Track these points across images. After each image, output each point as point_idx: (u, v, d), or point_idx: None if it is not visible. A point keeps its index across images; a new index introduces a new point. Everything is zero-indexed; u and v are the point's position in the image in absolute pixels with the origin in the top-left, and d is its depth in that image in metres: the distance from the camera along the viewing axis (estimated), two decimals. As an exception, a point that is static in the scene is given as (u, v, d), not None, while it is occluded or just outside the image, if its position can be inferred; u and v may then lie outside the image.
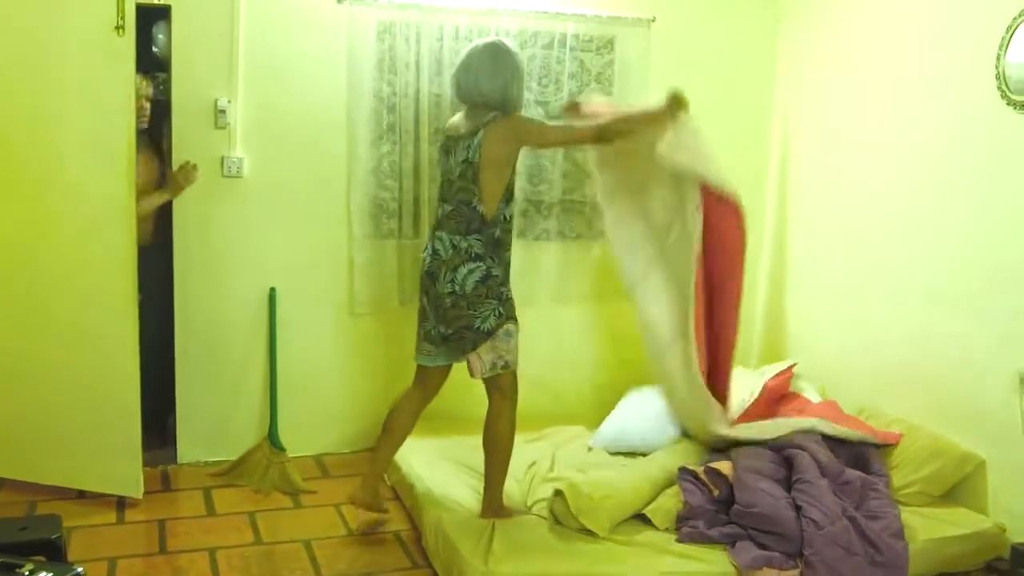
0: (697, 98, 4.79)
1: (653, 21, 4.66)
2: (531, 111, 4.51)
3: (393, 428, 3.75)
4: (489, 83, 3.48)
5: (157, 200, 4.15)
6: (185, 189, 4.17)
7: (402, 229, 4.48)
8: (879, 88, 4.28)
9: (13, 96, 3.81)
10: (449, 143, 3.59)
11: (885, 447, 3.95)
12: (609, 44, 4.64)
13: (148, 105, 4.22)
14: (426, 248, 3.62)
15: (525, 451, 4.08)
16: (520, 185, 4.54)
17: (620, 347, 4.91)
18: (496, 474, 3.62)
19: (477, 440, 4.26)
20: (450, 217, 3.53)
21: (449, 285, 3.48)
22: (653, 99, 4.59)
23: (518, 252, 4.22)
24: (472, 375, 3.58)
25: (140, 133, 4.14)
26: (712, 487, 3.56)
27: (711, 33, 4.88)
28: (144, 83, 4.16)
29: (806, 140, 4.82)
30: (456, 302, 3.47)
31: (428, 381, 3.74)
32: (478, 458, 3.85)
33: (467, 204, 3.48)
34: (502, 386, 3.59)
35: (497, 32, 4.40)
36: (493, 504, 3.59)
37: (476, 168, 3.45)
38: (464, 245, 3.48)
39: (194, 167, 4.15)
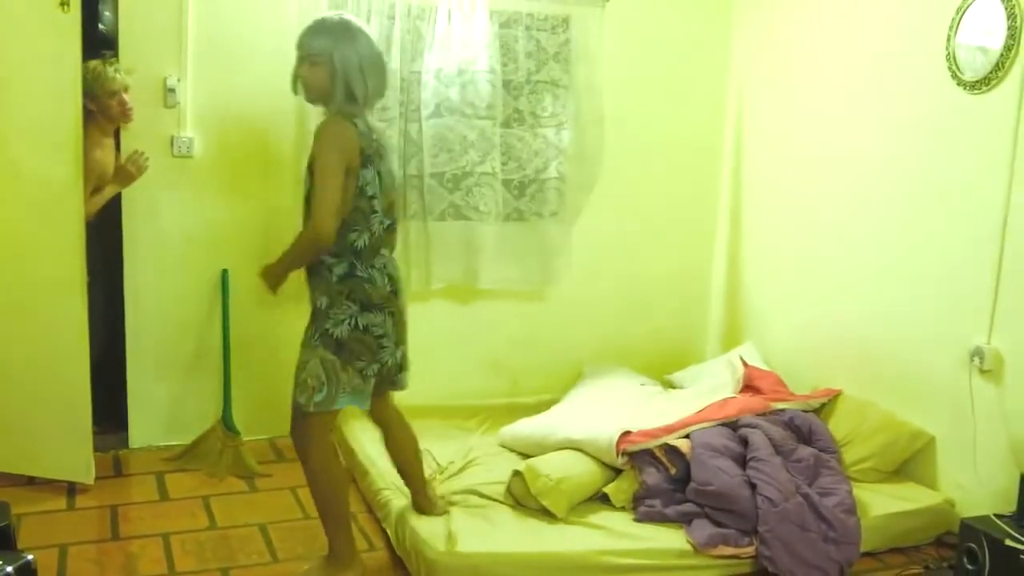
0: (652, 77, 4.89)
1: (607, 0, 4.64)
2: (485, 90, 4.50)
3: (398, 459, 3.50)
4: None
5: (108, 194, 4.06)
6: (136, 179, 4.07)
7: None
8: (832, 68, 4.32)
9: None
10: (382, 150, 3.11)
11: (824, 407, 4.08)
12: (564, 23, 4.62)
13: (128, 97, 4.01)
14: (378, 271, 3.11)
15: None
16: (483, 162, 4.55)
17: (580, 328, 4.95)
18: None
19: (432, 423, 4.30)
20: (391, 232, 3.18)
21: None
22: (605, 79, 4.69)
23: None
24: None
25: (109, 126, 4.04)
26: (669, 465, 3.58)
27: (665, 11, 4.88)
28: (122, 75, 3.97)
29: (760, 120, 4.84)
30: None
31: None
32: (430, 441, 3.91)
33: (397, 220, 3.24)
34: None
35: (451, 12, 4.36)
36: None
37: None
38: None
39: (144, 156, 4.06)
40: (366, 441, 4.07)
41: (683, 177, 5.06)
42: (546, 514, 3.39)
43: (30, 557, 2.70)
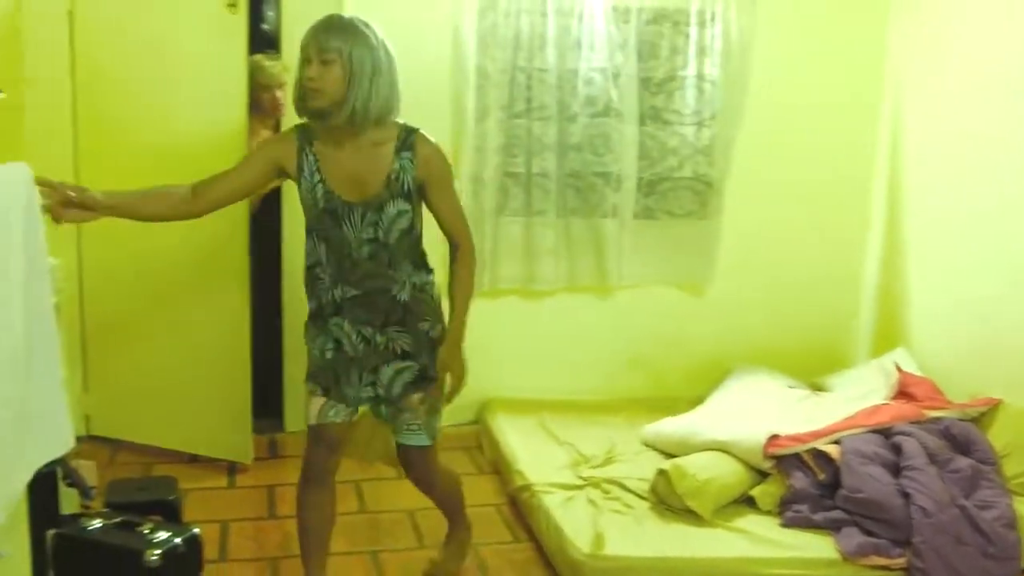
0: (803, 74, 4.77)
1: (760, -6, 4.56)
2: (630, 88, 4.50)
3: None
4: None
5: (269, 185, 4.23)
6: None
7: (509, 205, 4.50)
8: (1001, 59, 4.11)
9: (132, 71, 3.94)
10: None
11: (983, 417, 3.91)
12: (713, 18, 4.56)
13: (284, 94, 4.12)
14: None
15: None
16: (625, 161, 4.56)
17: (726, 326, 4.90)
18: None
19: (575, 417, 4.32)
20: None
21: None
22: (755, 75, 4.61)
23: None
24: None
25: (269, 120, 4.21)
26: (818, 471, 3.51)
27: (819, 8, 4.76)
28: (283, 68, 4.09)
29: (920, 115, 4.66)
30: None
31: None
32: (572, 435, 3.94)
33: None
34: None
35: (592, 11, 4.36)
36: None
37: None
38: None
39: None
40: (511, 433, 4.14)
41: (835, 174, 4.92)
42: (690, 515, 3.38)
43: (196, 530, 2.84)
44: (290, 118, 4.18)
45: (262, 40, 4.42)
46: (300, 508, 3.02)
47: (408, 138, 2.75)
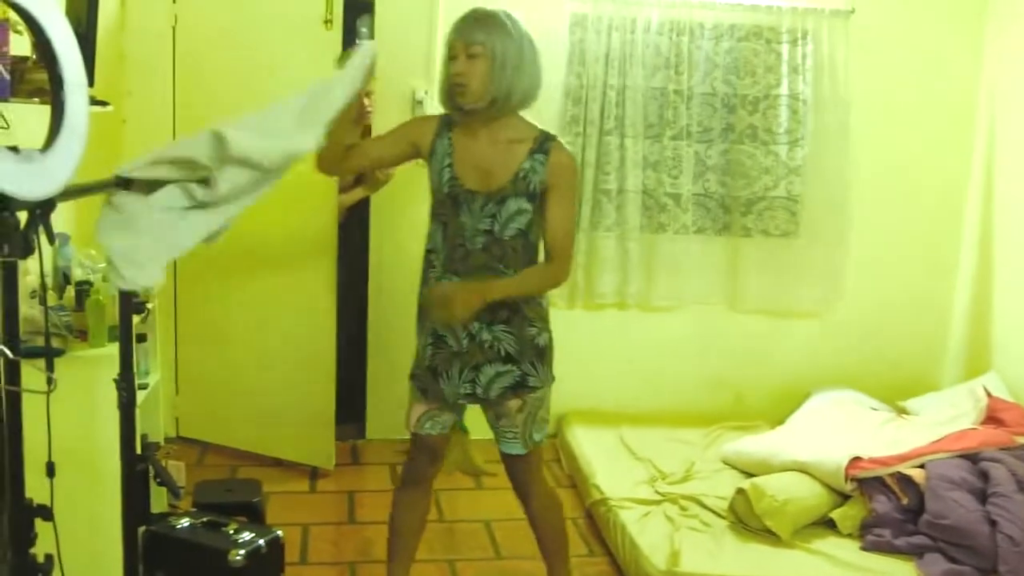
0: (897, 92, 4.70)
1: (852, 13, 4.51)
2: (713, 105, 4.51)
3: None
4: None
5: (358, 195, 4.33)
6: (383, 186, 4.32)
7: (599, 220, 4.53)
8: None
9: (231, 85, 4.06)
10: None
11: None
12: (805, 36, 4.53)
13: (371, 102, 4.22)
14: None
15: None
16: (717, 179, 4.58)
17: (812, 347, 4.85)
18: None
19: (655, 433, 4.32)
20: None
21: None
22: (849, 93, 4.55)
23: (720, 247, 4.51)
24: None
25: (354, 128, 4.29)
26: (901, 495, 3.45)
27: (912, 25, 4.68)
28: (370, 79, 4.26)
29: (1014, 134, 4.55)
30: None
31: None
32: (652, 450, 3.95)
33: None
34: None
35: (691, 25, 4.38)
36: None
37: None
38: None
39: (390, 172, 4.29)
40: (588, 444, 4.15)
41: (927, 195, 4.84)
42: (769, 535, 3.35)
43: (279, 532, 2.90)
44: (375, 119, 4.32)
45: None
46: (394, 508, 3.04)
47: (545, 143, 2.72)
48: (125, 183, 2.13)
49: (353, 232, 4.44)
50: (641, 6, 4.35)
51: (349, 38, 4.39)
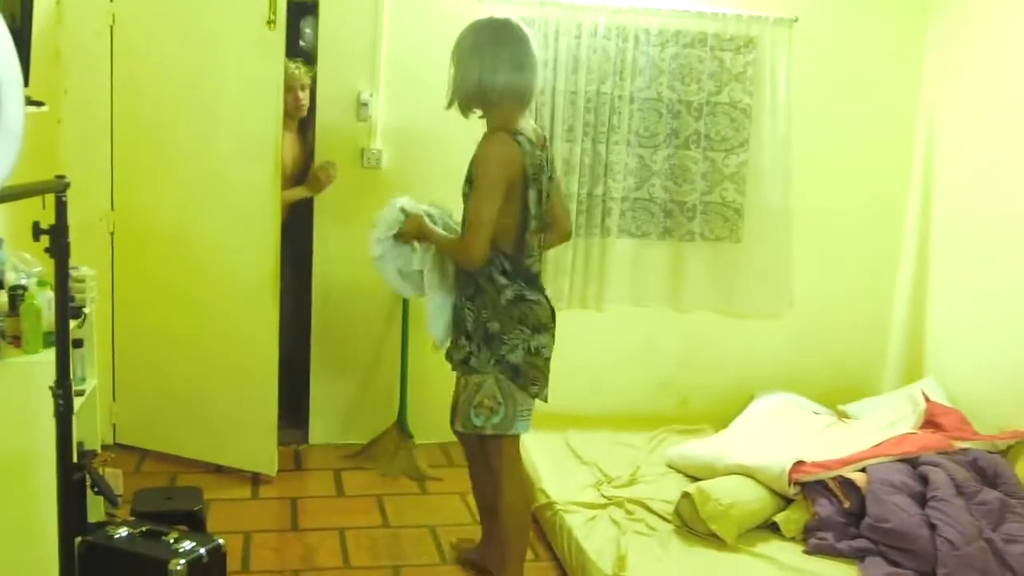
0: (838, 100, 4.77)
1: (796, 21, 4.56)
2: (669, 111, 4.52)
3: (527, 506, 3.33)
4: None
5: (299, 194, 4.29)
6: (326, 188, 4.28)
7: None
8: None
9: (170, 84, 4.00)
10: (536, 168, 2.99)
11: (1011, 449, 3.87)
12: (750, 43, 4.57)
13: (305, 95, 4.31)
14: (536, 288, 3.08)
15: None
16: (661, 184, 4.58)
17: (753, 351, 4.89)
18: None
19: (600, 435, 4.33)
20: (539, 252, 3.12)
21: None
22: (791, 101, 4.60)
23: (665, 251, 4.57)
24: None
25: (290, 121, 4.28)
26: (843, 499, 3.49)
27: (855, 33, 4.75)
28: (305, 71, 4.26)
29: (953, 144, 4.65)
30: None
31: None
32: (597, 453, 3.96)
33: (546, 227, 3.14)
34: None
35: (637, 32, 4.39)
36: None
37: (553, 182, 3.15)
38: None
39: (334, 166, 4.26)
40: (534, 448, 4.13)
41: (866, 202, 4.91)
42: (714, 539, 3.36)
43: (220, 541, 2.86)
44: (331, 132, 4.28)
45: (300, 58, 4.47)
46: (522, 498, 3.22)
47: (485, 136, 3.05)
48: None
49: (297, 233, 4.40)
50: (588, 11, 4.36)
51: (293, 39, 4.36)
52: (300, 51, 4.51)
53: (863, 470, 3.57)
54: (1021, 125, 4.18)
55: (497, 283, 2.99)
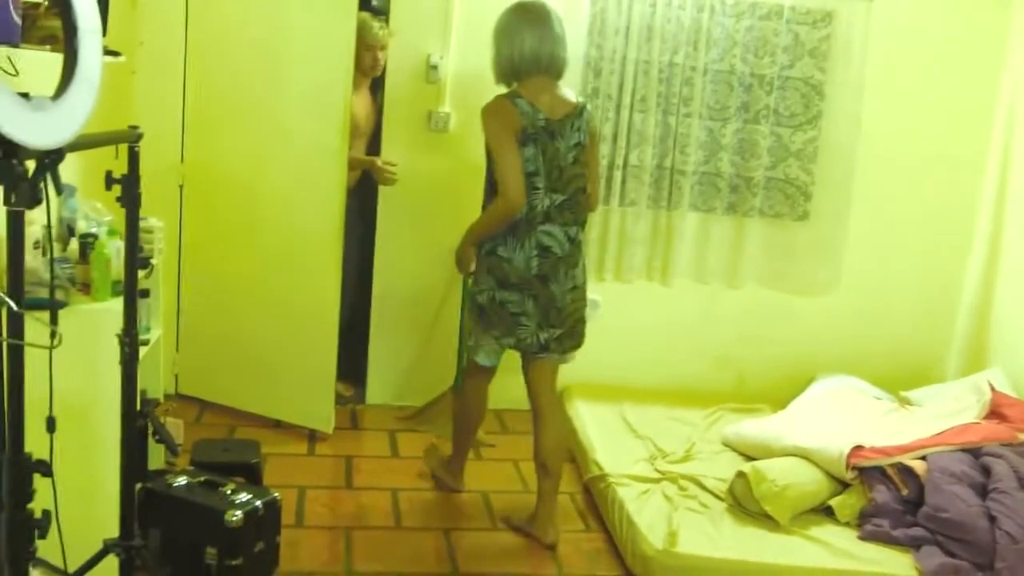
0: (914, 79, 4.64)
1: (876, -3, 4.45)
2: (740, 84, 4.44)
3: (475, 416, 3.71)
4: (565, 50, 3.33)
5: (367, 164, 4.30)
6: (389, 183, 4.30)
7: (610, 194, 4.48)
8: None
9: (243, 37, 4.04)
10: (553, 125, 3.24)
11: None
12: (827, 18, 4.46)
13: (384, 55, 4.28)
14: (522, 247, 3.26)
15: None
16: (729, 158, 4.50)
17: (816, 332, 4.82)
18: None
19: (656, 410, 4.30)
20: (563, 208, 3.27)
21: (571, 282, 3.34)
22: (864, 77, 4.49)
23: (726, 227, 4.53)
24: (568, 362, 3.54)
25: (364, 79, 4.27)
26: (901, 486, 3.43)
27: (936, 11, 4.62)
28: (385, 32, 4.23)
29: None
30: (576, 298, 3.38)
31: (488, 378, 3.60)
32: (651, 428, 3.94)
33: (582, 191, 3.34)
34: None
35: (713, 2, 4.31)
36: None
37: (587, 150, 3.34)
38: (580, 237, 3.37)
39: (394, 173, 4.26)
40: (588, 419, 4.13)
41: (940, 185, 4.79)
42: (767, 520, 3.34)
43: (276, 495, 2.90)
44: (399, 94, 4.27)
45: (370, 11, 4.46)
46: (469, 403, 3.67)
47: None
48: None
49: (363, 195, 4.41)
50: (663, -21, 4.28)
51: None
52: (373, 9, 4.49)
53: (923, 458, 3.51)
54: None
55: None
